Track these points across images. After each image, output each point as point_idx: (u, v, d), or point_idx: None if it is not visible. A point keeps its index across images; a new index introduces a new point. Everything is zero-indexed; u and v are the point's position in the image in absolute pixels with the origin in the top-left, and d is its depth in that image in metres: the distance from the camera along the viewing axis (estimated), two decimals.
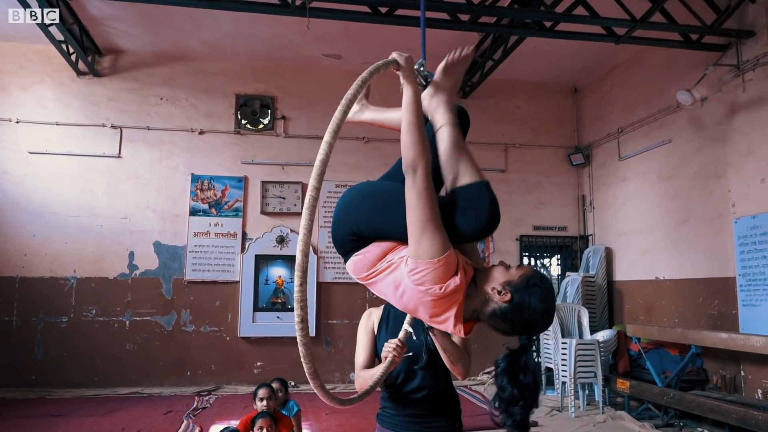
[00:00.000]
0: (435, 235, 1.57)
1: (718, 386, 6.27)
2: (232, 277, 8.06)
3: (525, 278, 1.64)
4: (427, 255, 1.58)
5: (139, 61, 8.26)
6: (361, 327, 2.46)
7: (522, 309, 1.62)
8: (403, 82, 1.73)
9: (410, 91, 1.70)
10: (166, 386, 7.64)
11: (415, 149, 1.62)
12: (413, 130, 1.64)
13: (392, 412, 2.34)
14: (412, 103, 1.68)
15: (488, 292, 1.65)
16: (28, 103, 7.87)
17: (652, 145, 7.62)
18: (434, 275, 1.59)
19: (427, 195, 1.59)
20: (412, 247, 1.61)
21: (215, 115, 8.39)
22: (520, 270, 1.67)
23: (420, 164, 1.60)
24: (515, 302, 1.62)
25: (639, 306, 7.82)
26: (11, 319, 7.50)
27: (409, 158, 1.62)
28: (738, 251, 6.07)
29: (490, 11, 6.15)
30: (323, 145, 1.52)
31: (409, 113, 1.67)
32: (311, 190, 1.52)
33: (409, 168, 1.61)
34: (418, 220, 1.58)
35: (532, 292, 1.62)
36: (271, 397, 4.19)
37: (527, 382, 1.59)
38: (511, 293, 1.62)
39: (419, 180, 1.59)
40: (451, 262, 1.59)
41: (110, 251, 7.86)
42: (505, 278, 1.65)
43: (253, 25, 7.30)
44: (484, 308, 1.67)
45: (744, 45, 6.13)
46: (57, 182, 7.80)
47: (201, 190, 8.16)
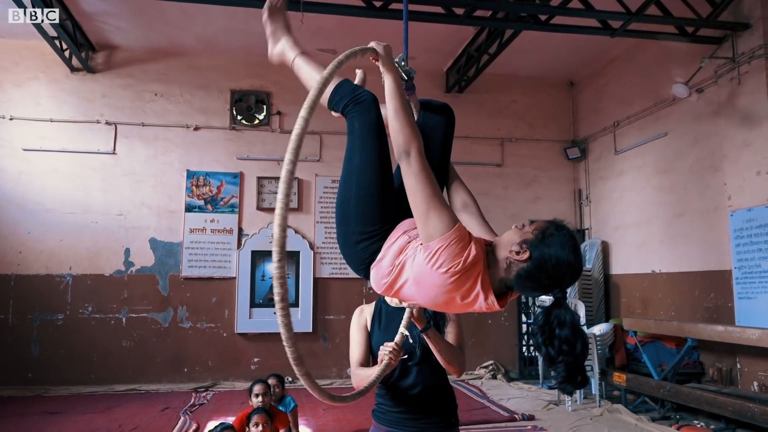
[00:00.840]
0: (441, 212, 1.56)
1: (715, 379, 6.29)
2: (229, 273, 8.05)
3: (540, 231, 1.59)
4: (438, 232, 1.55)
5: (133, 56, 8.22)
6: (354, 324, 2.45)
7: (545, 263, 1.56)
8: (383, 71, 1.74)
9: (390, 78, 1.72)
10: (163, 383, 7.64)
11: (404, 133, 1.62)
12: (399, 115, 1.65)
13: (388, 408, 2.33)
14: (394, 89, 1.70)
15: (507, 256, 1.60)
16: (22, 100, 7.83)
17: (648, 139, 7.62)
18: (450, 252, 1.54)
19: (424, 175, 1.59)
20: (422, 230, 1.59)
21: (210, 111, 8.36)
22: (532, 226, 1.63)
23: (412, 146, 1.61)
24: (536, 258, 1.56)
25: (635, 299, 7.83)
26: (7, 317, 7.47)
27: (400, 143, 1.62)
28: (734, 244, 6.08)
29: (485, 5, 6.12)
30: (299, 120, 1.46)
31: (393, 99, 1.68)
32: (287, 164, 1.44)
33: (402, 153, 1.62)
34: (421, 200, 1.58)
35: (551, 243, 1.56)
36: (266, 393, 4.18)
37: (564, 336, 1.51)
38: (529, 250, 1.57)
39: (414, 162, 1.60)
40: (463, 233, 1.57)
41: (106, 248, 7.83)
42: (521, 237, 1.60)
43: (247, 20, 7.26)
44: (509, 274, 1.62)
45: (740, 37, 6.13)
46: (52, 179, 7.77)
47: (196, 187, 8.14)
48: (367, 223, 1.75)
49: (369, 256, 1.74)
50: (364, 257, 1.75)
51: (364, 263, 1.76)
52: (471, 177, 8.77)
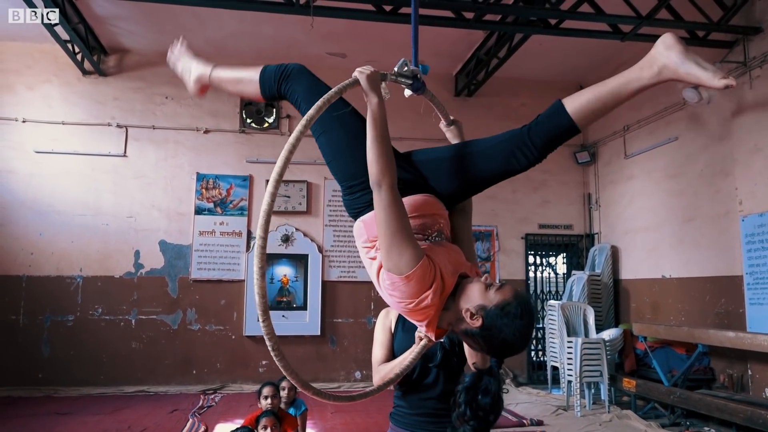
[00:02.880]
0: (403, 251, 1.56)
1: (725, 385, 6.24)
2: (238, 275, 8.08)
3: (500, 306, 1.58)
4: (396, 270, 1.57)
5: (145, 60, 8.28)
6: (379, 324, 2.45)
7: (492, 336, 1.59)
8: (366, 98, 1.72)
9: (372, 105, 1.69)
10: (171, 385, 7.66)
11: (378, 164, 1.61)
12: (376, 145, 1.63)
13: (406, 411, 2.32)
14: (374, 117, 1.67)
15: (462, 313, 1.62)
16: (34, 103, 7.90)
17: (658, 143, 7.58)
18: (404, 290, 1.59)
19: (392, 209, 1.58)
20: (383, 259, 1.61)
21: (220, 114, 8.40)
22: (498, 294, 1.60)
23: (384, 180, 1.60)
24: (485, 328, 1.58)
25: (645, 304, 7.78)
26: (18, 318, 7.53)
27: (373, 173, 1.62)
28: (745, 249, 6.03)
29: (494, 9, 6.12)
30: (266, 196, 1.61)
31: (372, 128, 1.66)
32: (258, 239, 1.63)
33: (374, 183, 1.62)
34: (385, 235, 1.59)
35: (505, 323, 1.57)
36: (275, 396, 4.19)
37: (484, 405, 1.53)
38: (483, 319, 1.58)
39: (384, 195, 1.60)
40: (423, 276, 1.57)
41: (116, 250, 7.88)
42: (482, 300, 1.60)
43: (257, 23, 7.30)
44: (457, 326, 1.66)
45: (751, 42, 6.09)
46: (63, 181, 7.83)
47: (206, 189, 8.18)
48: (355, 176, 1.82)
49: (361, 206, 1.83)
50: (357, 206, 1.85)
51: (356, 210, 1.86)
52: None
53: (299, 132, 1.62)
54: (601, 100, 1.81)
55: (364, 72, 1.73)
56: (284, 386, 4.46)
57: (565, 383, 6.78)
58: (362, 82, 1.72)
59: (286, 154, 1.58)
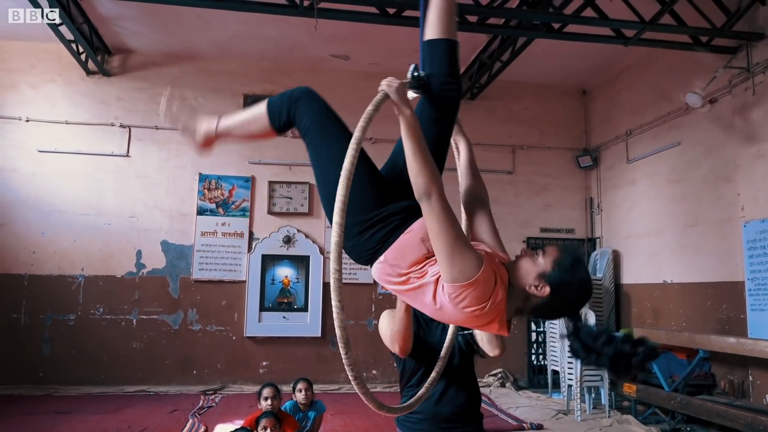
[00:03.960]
0: (465, 256, 1.56)
1: (726, 391, 6.23)
2: (239, 276, 8.08)
3: (556, 264, 1.64)
4: (463, 277, 1.56)
5: (148, 60, 8.30)
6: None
7: (565, 294, 1.64)
8: (397, 112, 1.67)
9: (405, 120, 1.65)
10: (172, 385, 7.67)
11: (424, 174, 1.59)
12: (418, 156, 1.61)
13: (419, 417, 2.27)
14: (409, 129, 1.64)
15: (526, 289, 1.65)
16: (38, 102, 7.92)
17: (660, 148, 7.58)
18: (475, 295, 1.57)
19: (446, 217, 1.57)
20: (445, 272, 1.58)
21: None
22: (548, 257, 1.66)
23: (433, 189, 1.58)
24: (555, 291, 1.63)
25: (646, 309, 7.77)
26: (19, 317, 7.54)
27: (420, 185, 1.59)
28: (747, 255, 6.02)
29: (498, 12, 6.13)
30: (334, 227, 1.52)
31: (409, 140, 1.63)
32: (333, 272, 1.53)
33: (422, 195, 1.59)
34: (444, 244, 1.56)
35: (569, 276, 1.63)
36: (275, 397, 4.20)
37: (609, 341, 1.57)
38: (548, 285, 1.63)
39: (435, 205, 1.57)
40: (488, 277, 1.57)
41: (118, 250, 7.89)
42: (537, 270, 1.65)
43: (260, 25, 7.32)
44: (526, 305, 1.68)
45: (754, 47, 6.09)
46: (66, 181, 7.85)
47: (208, 190, 8.19)
48: (363, 212, 1.76)
49: (374, 245, 1.75)
50: (369, 247, 1.77)
51: (369, 252, 1.77)
52: None
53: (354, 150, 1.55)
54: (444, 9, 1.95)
55: (392, 85, 1.69)
56: (301, 388, 4.49)
57: (566, 387, 6.77)
58: (393, 96, 1.68)
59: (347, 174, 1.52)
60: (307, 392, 4.51)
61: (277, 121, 1.94)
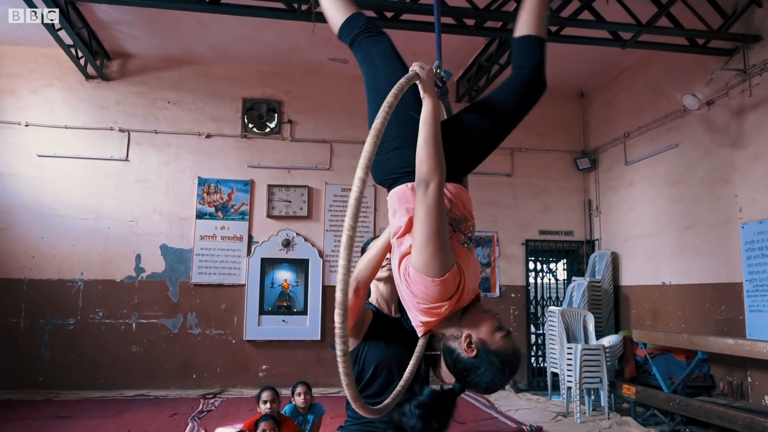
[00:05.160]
0: (436, 254, 1.55)
1: (725, 392, 6.24)
2: (238, 280, 8.09)
3: (498, 353, 1.63)
4: (423, 270, 1.57)
5: (147, 65, 8.32)
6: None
7: (473, 371, 1.63)
8: (423, 96, 1.69)
9: (429, 104, 1.66)
10: (171, 389, 7.67)
11: (429, 163, 1.59)
12: (429, 144, 1.60)
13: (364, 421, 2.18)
14: (431, 116, 1.64)
15: (462, 335, 1.65)
16: (38, 107, 7.94)
17: (658, 150, 7.60)
18: (425, 291, 1.59)
19: (435, 210, 1.56)
20: (413, 256, 1.60)
21: (222, 119, 8.44)
22: (502, 341, 1.64)
23: (434, 179, 1.58)
24: (473, 363, 1.63)
25: (645, 311, 7.79)
26: (19, 321, 7.55)
27: (423, 172, 1.59)
28: (745, 256, 6.04)
29: (495, 16, 6.15)
30: (356, 181, 1.41)
31: (426, 126, 1.63)
32: (348, 229, 1.36)
33: (422, 181, 1.59)
34: (422, 232, 1.57)
35: (492, 370, 1.62)
36: (274, 400, 4.21)
37: (437, 426, 1.57)
38: (477, 353, 1.62)
39: (431, 194, 1.57)
40: (449, 285, 1.57)
41: (117, 254, 7.90)
42: (486, 337, 1.64)
43: (259, 29, 7.34)
44: (447, 339, 1.68)
45: (751, 49, 6.11)
46: (65, 185, 7.86)
47: (207, 194, 8.20)
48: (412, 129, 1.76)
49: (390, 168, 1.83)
50: (399, 165, 1.83)
51: (397, 173, 1.84)
52: (480, 186, 8.81)
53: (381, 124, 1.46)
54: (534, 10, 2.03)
55: (425, 68, 1.72)
56: (300, 391, 4.50)
57: (565, 389, 6.77)
58: (423, 77, 1.70)
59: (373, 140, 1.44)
60: (307, 395, 4.52)
61: (344, 34, 2.10)
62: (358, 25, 2.05)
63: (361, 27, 2.04)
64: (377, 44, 2.02)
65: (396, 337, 2.20)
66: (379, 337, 2.20)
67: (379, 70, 2.00)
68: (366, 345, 2.19)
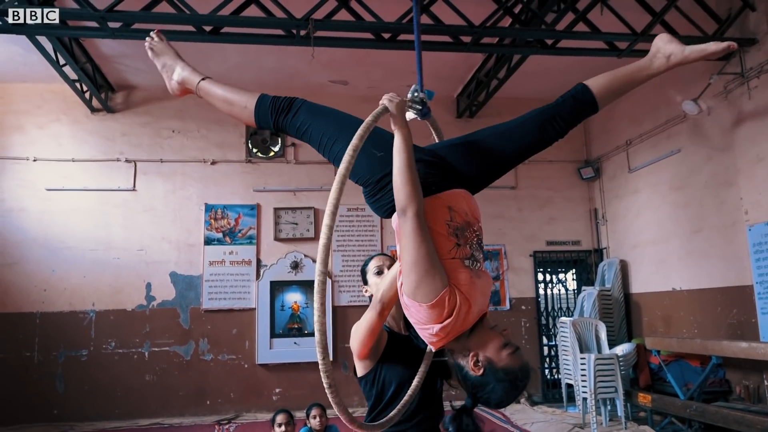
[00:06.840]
0: (422, 280, 1.58)
1: (742, 397, 6.18)
2: (248, 304, 8.11)
3: (505, 370, 1.65)
4: (411, 296, 1.60)
5: (151, 95, 8.44)
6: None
7: (481, 389, 1.67)
8: (393, 127, 1.73)
9: (399, 136, 1.70)
10: (186, 416, 7.66)
11: (404, 191, 1.62)
12: (404, 172, 1.64)
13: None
14: (402, 146, 1.68)
15: (470, 354, 1.68)
16: (45, 141, 8.05)
17: (661, 156, 7.62)
18: (418, 315, 1.62)
19: (416, 236, 1.59)
20: (403, 282, 1.64)
21: (226, 145, 8.53)
22: (510, 358, 1.66)
23: (410, 207, 1.61)
24: (481, 380, 1.66)
25: (657, 318, 7.75)
26: (32, 355, 7.58)
27: (401, 200, 1.63)
28: (753, 258, 6.02)
29: (491, 32, 6.22)
30: (324, 228, 1.52)
31: (400, 156, 1.67)
32: (318, 274, 1.50)
33: (400, 210, 1.63)
34: (406, 260, 1.61)
35: (500, 387, 1.65)
36: (289, 423, 4.22)
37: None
38: (484, 371, 1.65)
39: (409, 222, 1.60)
40: (440, 310, 1.58)
41: (127, 283, 7.95)
42: (492, 355, 1.66)
43: (260, 55, 7.46)
44: (457, 356, 1.71)
45: (747, 53, 6.16)
46: (74, 217, 7.94)
47: (215, 220, 8.26)
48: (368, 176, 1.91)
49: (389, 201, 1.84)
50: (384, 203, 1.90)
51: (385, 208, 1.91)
52: (485, 200, 8.77)
53: (348, 162, 1.60)
54: (617, 81, 2.06)
55: (393, 101, 1.75)
56: (315, 414, 4.51)
57: (581, 401, 6.73)
58: (393, 110, 1.74)
59: (338, 185, 1.57)
60: (321, 418, 4.52)
61: (262, 122, 2.10)
62: (278, 101, 2.08)
63: (282, 101, 2.07)
64: (308, 104, 2.08)
65: (410, 355, 2.22)
66: (395, 356, 2.24)
67: (333, 111, 2.09)
68: (384, 365, 2.24)
